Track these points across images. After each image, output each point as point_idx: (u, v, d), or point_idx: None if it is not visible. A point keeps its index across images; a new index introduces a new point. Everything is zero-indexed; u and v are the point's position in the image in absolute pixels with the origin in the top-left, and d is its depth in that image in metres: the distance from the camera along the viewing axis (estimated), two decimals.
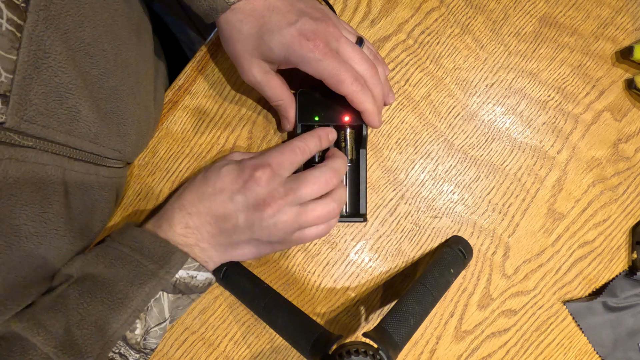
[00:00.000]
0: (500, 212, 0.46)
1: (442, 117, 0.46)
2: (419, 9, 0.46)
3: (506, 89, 0.46)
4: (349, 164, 0.42)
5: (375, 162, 0.45)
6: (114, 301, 0.34)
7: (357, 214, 0.42)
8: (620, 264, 0.47)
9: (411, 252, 0.46)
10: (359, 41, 0.39)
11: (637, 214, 0.47)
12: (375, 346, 0.32)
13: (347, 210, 0.43)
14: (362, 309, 0.45)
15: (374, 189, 0.45)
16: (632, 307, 0.47)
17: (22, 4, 0.25)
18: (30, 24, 0.26)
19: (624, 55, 0.47)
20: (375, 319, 0.45)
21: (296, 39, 0.34)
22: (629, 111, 0.47)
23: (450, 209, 0.46)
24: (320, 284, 0.45)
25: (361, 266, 0.45)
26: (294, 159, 0.37)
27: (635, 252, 0.47)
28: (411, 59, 0.46)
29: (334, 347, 0.33)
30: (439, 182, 0.46)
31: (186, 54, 0.73)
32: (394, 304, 0.38)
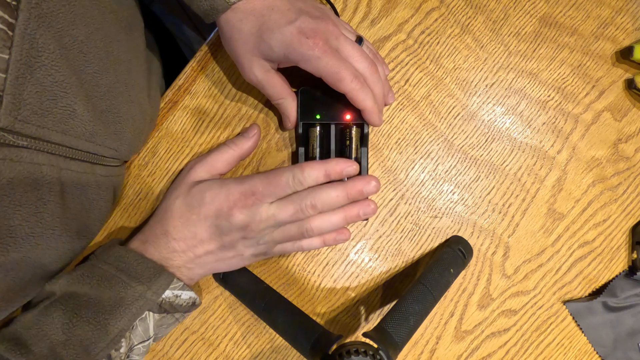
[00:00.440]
0: (500, 212, 0.46)
1: (442, 117, 0.46)
2: (419, 9, 0.46)
3: (506, 89, 0.46)
4: None
5: (375, 162, 0.45)
6: (100, 322, 0.34)
7: None
8: (620, 264, 0.47)
9: (411, 252, 0.46)
10: (359, 40, 0.39)
11: (637, 214, 0.47)
12: (375, 346, 0.32)
13: None
14: (362, 309, 0.45)
15: None
16: (632, 307, 0.47)
17: (13, 2, 0.25)
18: (22, 22, 0.25)
19: (624, 55, 0.47)
20: (375, 319, 0.45)
21: (296, 37, 0.34)
22: (629, 111, 0.47)
23: (450, 209, 0.46)
24: (320, 284, 0.45)
25: (361, 266, 0.45)
26: (278, 191, 0.36)
27: (635, 252, 0.47)
28: (411, 59, 0.46)
29: (334, 347, 0.33)
30: (439, 182, 0.46)
31: (185, 55, 0.73)
32: (394, 304, 0.38)
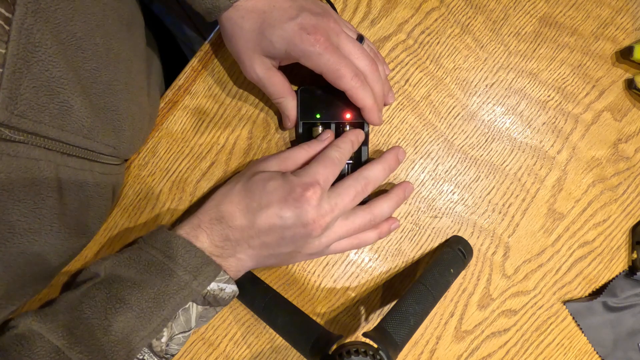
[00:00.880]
0: (500, 212, 0.46)
1: (442, 117, 0.46)
2: (419, 9, 0.46)
3: (506, 89, 0.46)
4: (350, 161, 0.42)
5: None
6: (144, 309, 0.33)
7: None
8: (620, 264, 0.47)
9: (411, 252, 0.45)
10: (360, 39, 0.39)
11: (637, 214, 0.47)
12: (375, 346, 0.32)
13: None
14: (362, 309, 0.45)
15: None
16: (632, 307, 0.47)
17: None
18: (19, 17, 0.25)
19: (624, 55, 0.47)
20: (375, 319, 0.45)
21: (297, 33, 0.34)
22: (629, 111, 0.47)
23: (450, 209, 0.46)
24: (320, 284, 0.45)
25: (361, 266, 0.45)
26: (336, 172, 0.37)
27: (635, 252, 0.47)
28: (411, 59, 0.46)
29: (334, 347, 0.33)
30: (439, 182, 0.46)
31: (185, 54, 0.73)
32: (394, 304, 0.38)
